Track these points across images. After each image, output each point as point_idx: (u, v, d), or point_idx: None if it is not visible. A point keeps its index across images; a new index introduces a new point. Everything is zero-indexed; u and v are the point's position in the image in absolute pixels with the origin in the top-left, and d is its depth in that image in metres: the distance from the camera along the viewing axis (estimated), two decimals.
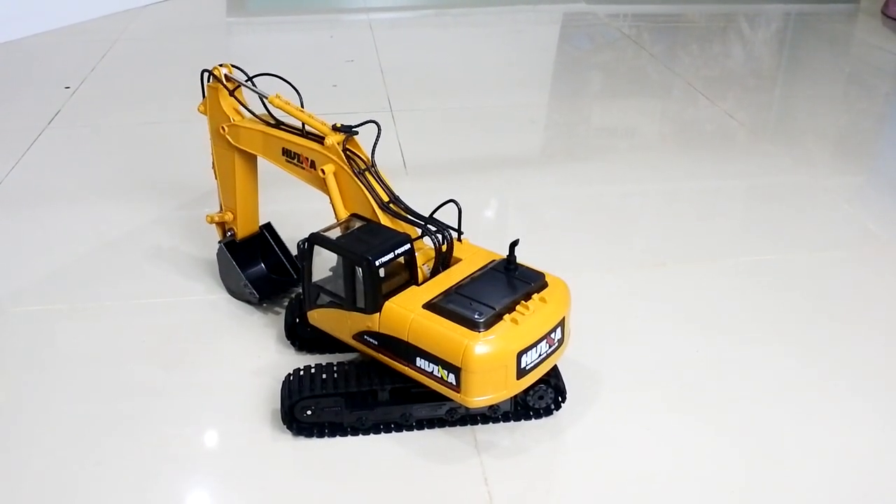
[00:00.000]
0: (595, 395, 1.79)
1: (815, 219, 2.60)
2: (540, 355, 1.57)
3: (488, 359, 1.49)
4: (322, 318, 1.73)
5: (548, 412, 1.71)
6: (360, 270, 1.58)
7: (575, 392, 1.74)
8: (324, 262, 1.71)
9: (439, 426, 1.68)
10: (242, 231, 2.05)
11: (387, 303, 1.59)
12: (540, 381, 1.64)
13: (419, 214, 1.72)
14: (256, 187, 2.03)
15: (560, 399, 1.71)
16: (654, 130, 3.41)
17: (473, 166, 2.96)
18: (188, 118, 2.58)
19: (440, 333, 1.51)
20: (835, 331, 2.04)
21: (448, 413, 1.66)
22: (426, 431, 1.67)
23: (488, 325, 1.51)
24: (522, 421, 1.70)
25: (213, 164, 2.01)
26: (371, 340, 1.63)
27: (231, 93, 1.89)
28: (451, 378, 1.52)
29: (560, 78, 4.10)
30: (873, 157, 3.19)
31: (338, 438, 1.65)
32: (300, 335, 1.88)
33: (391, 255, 1.59)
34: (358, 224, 1.70)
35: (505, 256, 1.69)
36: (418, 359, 1.55)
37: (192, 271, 2.21)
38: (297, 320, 1.86)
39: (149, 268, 2.24)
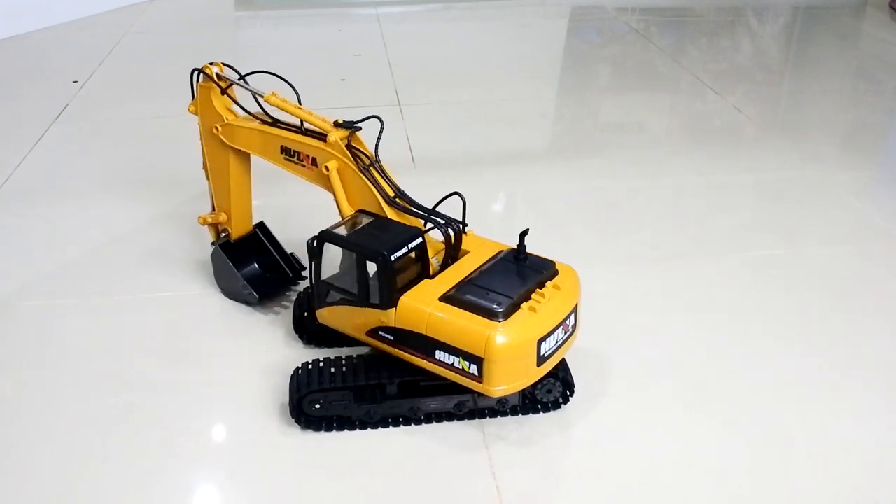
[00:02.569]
0: (603, 388, 1.80)
1: (823, 213, 2.59)
2: (557, 342, 1.59)
3: (510, 348, 1.50)
4: (332, 316, 1.72)
5: (556, 406, 1.71)
6: (374, 266, 1.58)
7: (583, 386, 1.74)
8: (332, 260, 1.71)
9: (447, 420, 1.68)
10: (237, 231, 2.03)
11: (402, 297, 1.59)
12: (548, 374, 1.65)
13: (425, 208, 1.72)
14: (250, 186, 2.01)
15: (568, 393, 1.71)
16: (661, 125, 3.40)
17: (481, 160, 2.96)
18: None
19: (460, 325, 1.52)
20: (843, 325, 2.04)
21: (456, 407, 1.67)
22: (434, 425, 1.68)
23: (507, 314, 1.52)
24: (531, 414, 1.71)
25: (203, 164, 1.99)
26: (386, 336, 1.63)
27: (223, 91, 1.86)
28: (473, 369, 1.52)
29: (568, 72, 4.09)
30: (881, 151, 3.18)
31: (346, 432, 1.66)
32: (308, 329, 1.89)
33: (405, 250, 1.59)
34: (367, 220, 1.69)
35: (511, 247, 1.70)
36: (437, 351, 1.55)
37: (199, 266, 2.21)
38: (305, 314, 1.87)
39: (156, 262, 2.25)
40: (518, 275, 1.63)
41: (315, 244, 1.65)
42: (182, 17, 4.70)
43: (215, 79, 1.85)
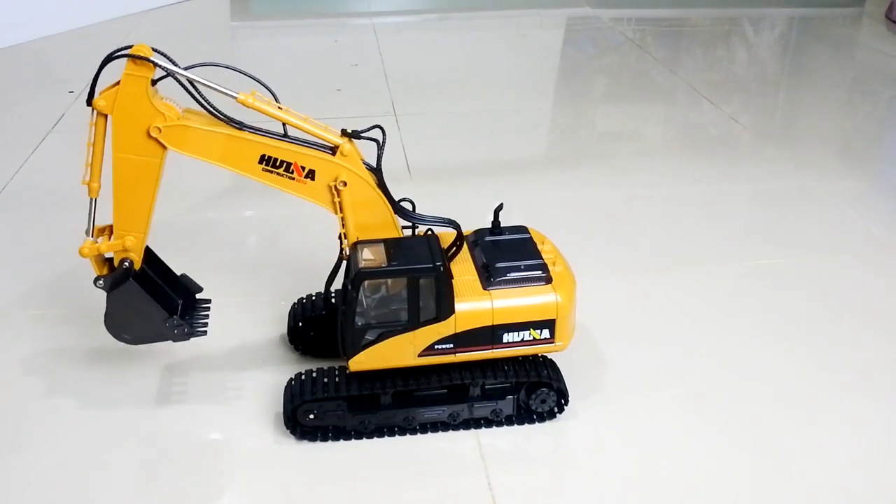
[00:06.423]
0: (598, 398, 1.79)
1: (819, 223, 2.60)
2: None
3: (570, 300, 1.64)
4: (371, 357, 1.60)
5: (551, 415, 1.71)
6: (428, 282, 1.54)
7: (578, 395, 1.74)
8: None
9: (442, 430, 1.68)
10: (141, 256, 1.66)
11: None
12: (542, 384, 1.67)
13: (425, 215, 1.67)
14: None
15: (563, 402, 1.71)
16: (658, 134, 3.41)
17: (477, 170, 2.96)
18: None
19: (526, 302, 1.61)
20: (839, 334, 2.04)
21: (450, 417, 1.67)
22: (429, 435, 1.68)
23: (550, 278, 1.63)
24: (525, 424, 1.70)
25: (89, 178, 1.65)
26: (445, 346, 1.60)
27: (156, 81, 1.55)
28: (545, 333, 1.62)
29: (564, 82, 4.10)
30: (877, 161, 3.19)
31: (341, 442, 1.65)
32: (303, 338, 1.88)
33: (446, 256, 1.60)
34: (383, 245, 1.58)
35: (469, 231, 1.75)
36: (505, 335, 1.61)
37: (195, 275, 2.20)
38: (300, 324, 1.86)
39: None
40: (516, 243, 1.71)
41: (351, 287, 1.52)
42: (178, 27, 4.70)
43: (154, 62, 1.50)
